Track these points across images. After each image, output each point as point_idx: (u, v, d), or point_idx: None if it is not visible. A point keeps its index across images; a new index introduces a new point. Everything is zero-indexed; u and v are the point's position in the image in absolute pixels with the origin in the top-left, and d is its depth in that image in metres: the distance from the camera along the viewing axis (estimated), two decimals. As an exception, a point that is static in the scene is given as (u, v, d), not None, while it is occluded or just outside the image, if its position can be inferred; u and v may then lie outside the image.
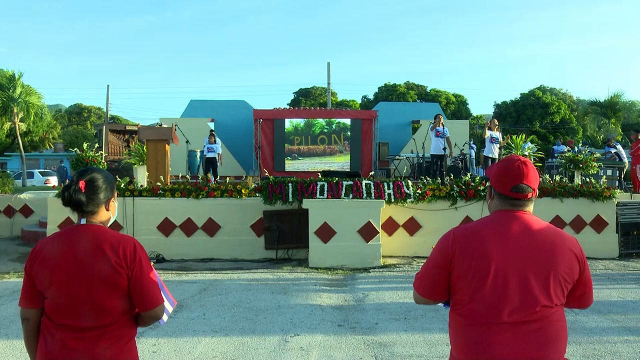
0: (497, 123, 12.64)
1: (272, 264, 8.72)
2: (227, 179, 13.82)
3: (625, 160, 13.64)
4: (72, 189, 1.94)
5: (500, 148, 12.09)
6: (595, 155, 10.97)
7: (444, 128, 12.10)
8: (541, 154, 11.28)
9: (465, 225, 1.95)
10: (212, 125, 18.99)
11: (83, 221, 1.99)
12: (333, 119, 18.61)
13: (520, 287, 1.78)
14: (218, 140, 14.90)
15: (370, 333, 5.04)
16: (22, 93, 23.97)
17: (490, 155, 11.98)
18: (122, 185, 9.01)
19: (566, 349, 1.87)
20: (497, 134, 12.18)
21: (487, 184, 2.02)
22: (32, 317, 1.99)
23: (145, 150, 9.97)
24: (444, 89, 45.41)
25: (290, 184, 8.82)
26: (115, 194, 2.11)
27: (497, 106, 43.21)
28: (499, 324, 1.76)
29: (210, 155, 14.35)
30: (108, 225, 2.08)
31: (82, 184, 1.95)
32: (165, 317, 2.14)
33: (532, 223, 1.86)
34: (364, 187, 8.76)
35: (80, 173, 2.00)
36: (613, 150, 13.80)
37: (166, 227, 9.05)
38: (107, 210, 2.04)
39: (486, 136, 11.99)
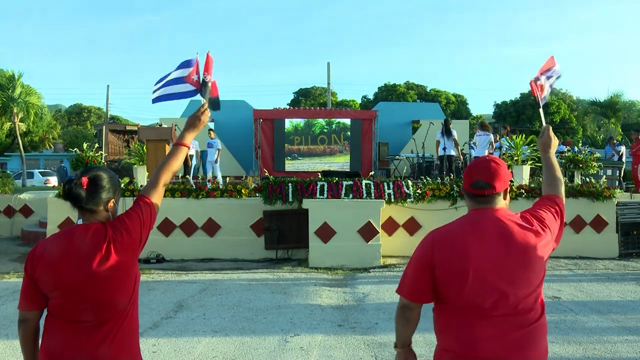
0: (487, 124, 12.45)
1: (272, 264, 8.72)
2: (227, 179, 13.88)
3: (625, 159, 13.65)
4: (73, 182, 1.96)
5: (495, 149, 11.89)
6: (595, 155, 10.94)
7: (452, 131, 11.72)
8: (541, 154, 11.15)
9: (443, 227, 2.03)
10: (212, 126, 18.97)
11: (80, 221, 2.01)
12: (333, 119, 18.57)
13: (499, 283, 1.84)
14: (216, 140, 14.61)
15: (370, 333, 5.04)
16: (22, 93, 23.97)
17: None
18: (122, 185, 9.00)
19: (547, 342, 1.95)
20: (490, 136, 11.99)
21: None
22: (32, 318, 2.01)
23: (145, 150, 9.98)
24: (444, 89, 45.47)
25: (290, 184, 8.82)
26: (118, 197, 2.11)
27: (497, 106, 43.13)
28: (482, 318, 1.84)
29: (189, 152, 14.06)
30: None
31: (84, 180, 1.97)
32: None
33: (502, 219, 1.91)
34: (364, 187, 8.76)
35: (85, 170, 2.02)
36: (620, 149, 13.77)
37: (166, 227, 9.05)
38: (107, 211, 2.04)
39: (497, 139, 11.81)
